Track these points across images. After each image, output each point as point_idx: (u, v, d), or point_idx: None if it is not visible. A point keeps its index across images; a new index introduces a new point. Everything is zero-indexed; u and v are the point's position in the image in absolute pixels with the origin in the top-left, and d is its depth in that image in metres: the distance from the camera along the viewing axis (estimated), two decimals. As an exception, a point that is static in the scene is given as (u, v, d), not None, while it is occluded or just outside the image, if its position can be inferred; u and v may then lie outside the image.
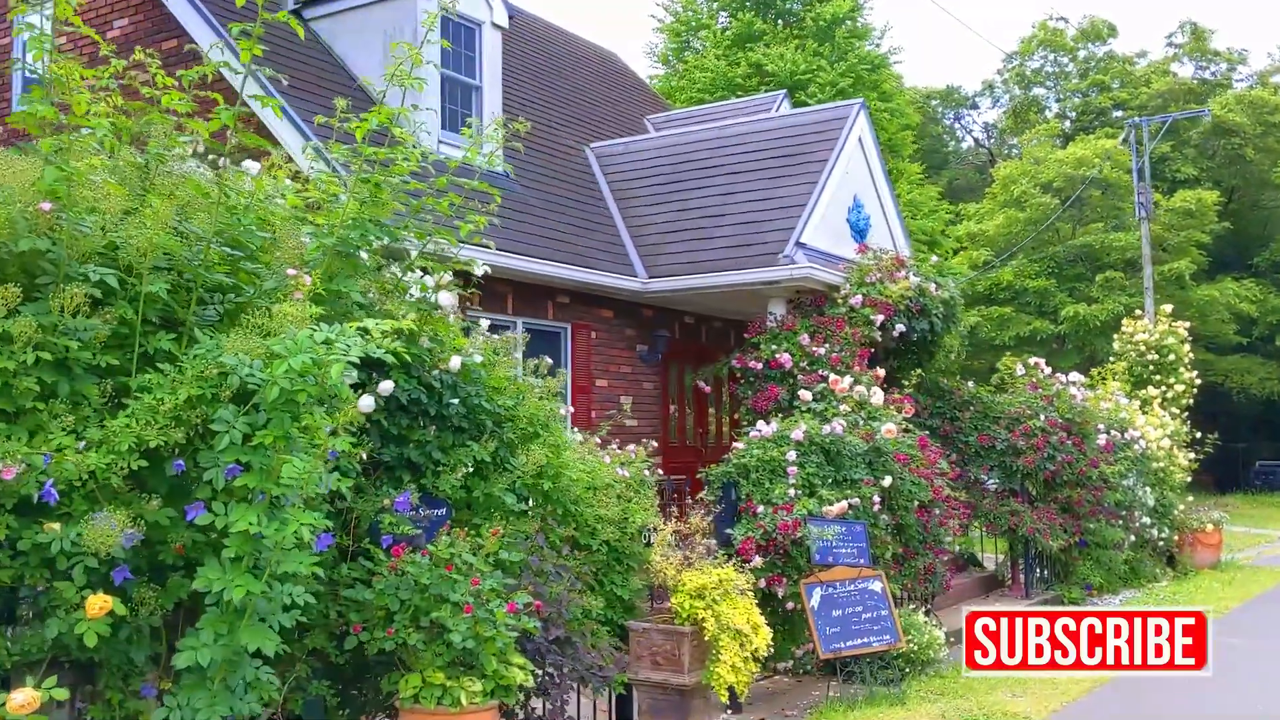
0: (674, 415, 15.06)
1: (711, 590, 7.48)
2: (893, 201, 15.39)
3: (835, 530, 9.14)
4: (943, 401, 15.12)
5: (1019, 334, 36.09)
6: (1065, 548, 15.11)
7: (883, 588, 9.20)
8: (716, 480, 9.27)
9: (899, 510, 10.79)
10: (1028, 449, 14.55)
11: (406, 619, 5.50)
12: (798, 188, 13.64)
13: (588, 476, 7.36)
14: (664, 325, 14.46)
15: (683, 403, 15.01)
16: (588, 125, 16.98)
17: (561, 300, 13.01)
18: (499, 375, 6.74)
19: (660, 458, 14.36)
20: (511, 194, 13.05)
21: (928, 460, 11.25)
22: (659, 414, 14.42)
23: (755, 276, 12.82)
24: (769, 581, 8.97)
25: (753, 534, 8.88)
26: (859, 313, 12.67)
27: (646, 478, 8.25)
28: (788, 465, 9.43)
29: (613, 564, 7.63)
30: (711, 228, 13.80)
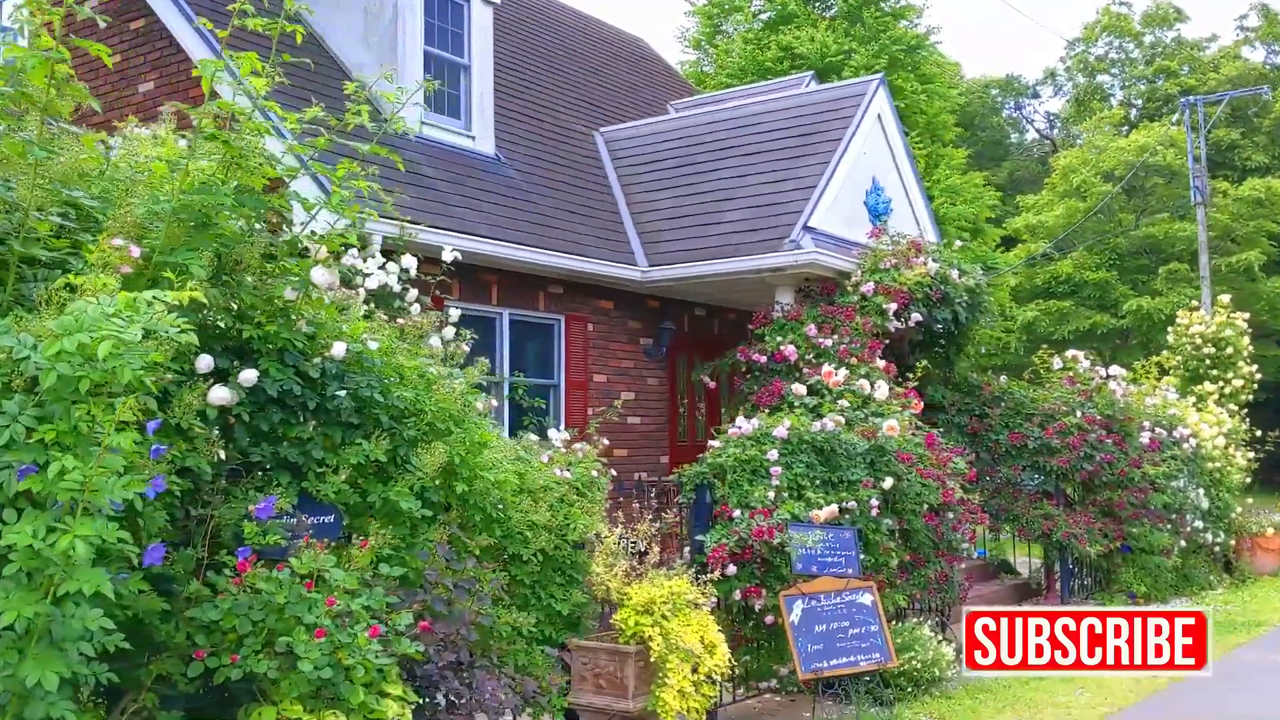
0: (683, 412, 14.25)
1: (661, 605, 6.67)
2: (917, 184, 14.44)
3: (819, 537, 8.29)
4: (971, 397, 14.16)
5: (1079, 328, 34.74)
6: (1107, 553, 14.07)
7: (873, 601, 8.32)
8: (689, 482, 8.45)
9: (905, 514, 9.90)
10: (1062, 448, 13.53)
11: (259, 643, 4.77)
12: (809, 169, 12.76)
13: (519, 479, 6.59)
14: (671, 317, 13.64)
15: (693, 399, 14.19)
16: (602, 110, 16.22)
17: (554, 291, 12.26)
18: (402, 365, 5.98)
19: (667, 457, 13.61)
20: (502, 179, 12.34)
21: (938, 459, 10.34)
22: (665, 411, 13.61)
23: (758, 263, 11.97)
24: (745, 593, 8.14)
25: (726, 541, 8.06)
26: (871, 301, 11.77)
27: (596, 479, 7.45)
28: (770, 465, 8.59)
29: (551, 575, 6.86)
30: (717, 213, 12.97)
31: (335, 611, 4.80)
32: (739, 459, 8.47)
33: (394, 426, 5.74)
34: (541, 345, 12.31)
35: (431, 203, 10.80)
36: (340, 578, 4.94)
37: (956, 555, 10.64)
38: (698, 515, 8.41)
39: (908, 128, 21.85)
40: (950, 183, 21.23)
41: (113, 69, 11.16)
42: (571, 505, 7.00)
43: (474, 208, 11.31)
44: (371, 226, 9.59)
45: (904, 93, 21.53)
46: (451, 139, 12.12)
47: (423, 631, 5.25)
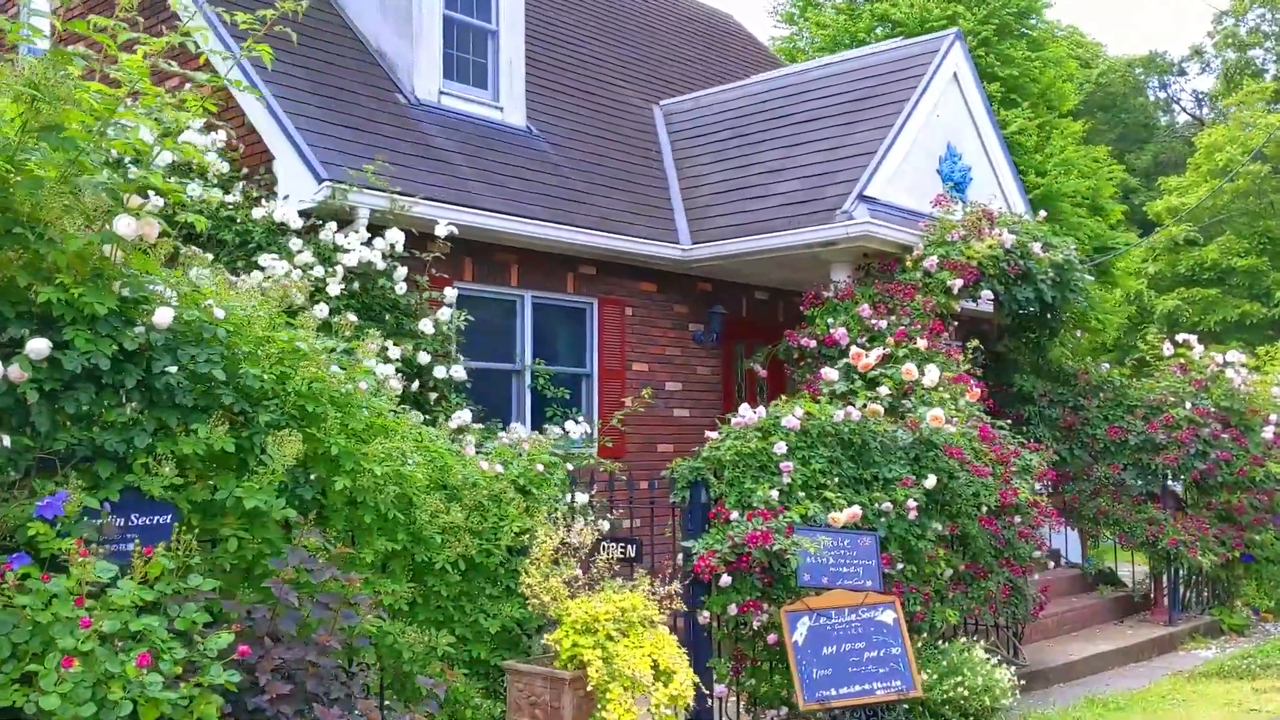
0: (739, 404, 13.06)
1: (605, 623, 5.63)
2: (1003, 153, 13.00)
3: (831, 543, 7.12)
4: (1066, 387, 12.69)
5: (1226, 318, 32.27)
6: (1226, 563, 12.46)
7: (896, 618, 7.12)
8: (681, 478, 7.36)
9: (959, 517, 8.63)
10: (1169, 443, 11.99)
11: (16, 671, 3.92)
12: (869, 134, 11.51)
13: (440, 473, 5.62)
14: (725, 301, 12.52)
15: (752, 391, 13.03)
16: (668, 84, 15.18)
17: (585, 271, 11.27)
18: (271, 337, 5.06)
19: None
20: (531, 152, 11.42)
21: (998, 455, 9.02)
22: (718, 403, 12.48)
23: (807, 237, 10.78)
24: (742, 608, 7.02)
25: (718, 547, 6.94)
26: (934, 278, 10.48)
27: (545, 474, 6.44)
28: (779, 460, 7.44)
29: (481, 586, 5.88)
30: (768, 185, 11.81)
31: (106, 632, 3.91)
32: (739, 452, 7.34)
33: (248, 410, 4.84)
34: (572, 331, 11.35)
35: (440, 175, 9.93)
36: (127, 591, 4.04)
37: (1024, 565, 9.29)
38: (691, 517, 7.32)
39: (1019, 98, 20.23)
40: (1065, 156, 19.51)
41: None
42: (508, 504, 6.00)
43: (491, 181, 10.41)
44: (356, 199, 8.81)
45: (1014, 60, 19.91)
46: (475, 110, 11.25)
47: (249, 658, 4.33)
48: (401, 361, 8.63)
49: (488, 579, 5.90)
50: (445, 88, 11.01)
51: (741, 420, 7.58)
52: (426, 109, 10.72)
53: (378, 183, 8.91)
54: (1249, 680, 9.56)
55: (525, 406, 10.66)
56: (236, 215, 8.63)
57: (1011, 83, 20.17)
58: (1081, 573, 12.72)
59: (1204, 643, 11.74)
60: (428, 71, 10.82)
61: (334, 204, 8.68)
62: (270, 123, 9.13)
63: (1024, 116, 19.53)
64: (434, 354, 8.89)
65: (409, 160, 9.84)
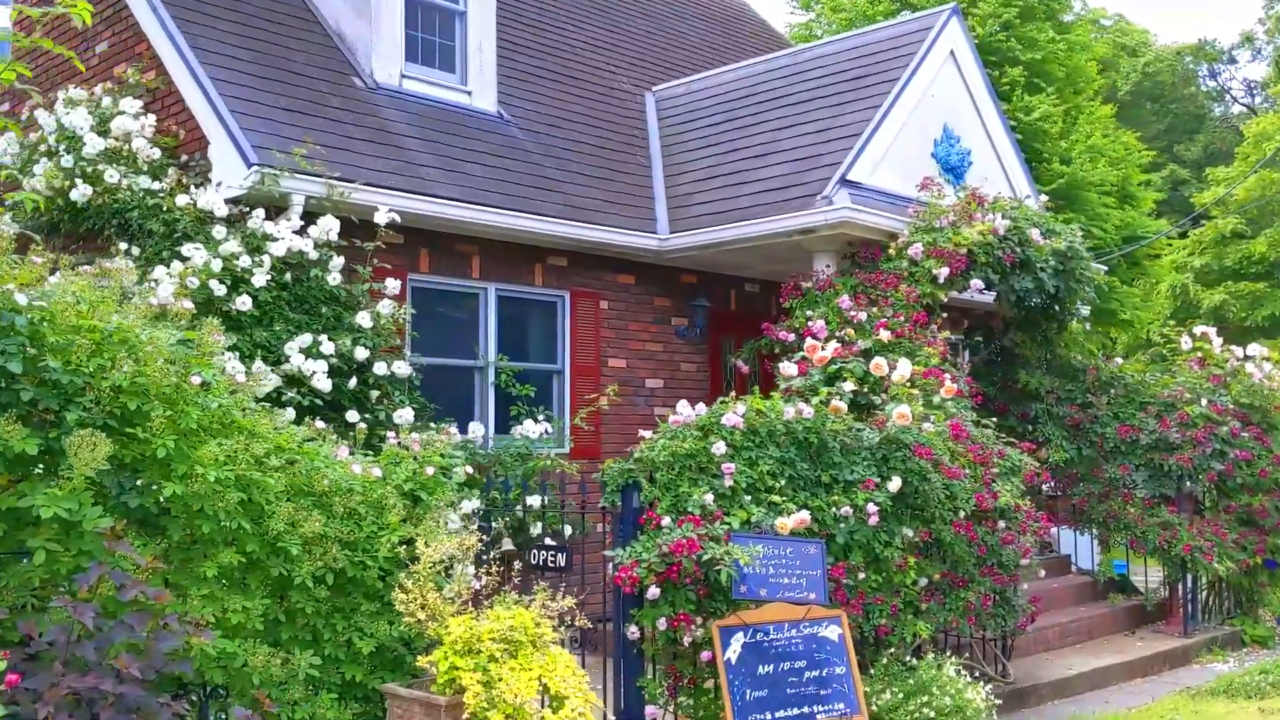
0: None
1: (489, 642, 5.08)
2: (1007, 135, 12.29)
3: (771, 552, 6.52)
4: (1074, 383, 11.96)
5: (1275, 313, 31.10)
6: (1249, 570, 11.68)
7: (841, 634, 6.50)
8: (613, 482, 6.79)
9: (934, 523, 8.00)
10: (1183, 443, 11.24)
11: None
12: (857, 116, 10.87)
13: (305, 478, 5.11)
14: (710, 293, 11.92)
15: (742, 387, 12.40)
16: (665, 70, 14.60)
17: (556, 263, 10.73)
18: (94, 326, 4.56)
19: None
20: (501, 138, 10.91)
21: (975, 456, 8.36)
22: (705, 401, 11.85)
23: (783, 224, 10.17)
24: (672, 622, 6.44)
25: (644, 555, 6.36)
26: (920, 266, 9.83)
27: (439, 478, 5.89)
28: (719, 461, 6.86)
29: (358, 601, 5.36)
30: (754, 170, 11.20)
31: None
32: (674, 453, 6.76)
33: (59, 408, 4.35)
34: (542, 326, 10.81)
35: (391, 161, 9.44)
36: None
37: (1009, 573, 8.63)
38: (623, 524, 6.75)
39: (1043, 81, 19.43)
40: (1092, 142, 18.68)
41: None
42: (389, 511, 5.46)
43: (451, 168, 9.90)
44: (289, 185, 8.35)
45: (1038, 44, 19.11)
46: (441, 94, 10.75)
47: (38, 687, 3.83)
48: (338, 357, 8.16)
49: (365, 594, 5.38)
50: (408, 71, 10.53)
51: (679, 418, 7.00)
52: (386, 93, 10.24)
53: (312, 167, 8.44)
54: (1257, 700, 8.82)
55: (488, 405, 10.15)
56: (164, 204, 8.20)
57: (1036, 67, 19.38)
58: (1093, 580, 11.98)
59: (1221, 656, 10.98)
60: (388, 54, 10.34)
61: (263, 190, 8.21)
62: (205, 105, 8.69)
63: (1049, 102, 18.73)
64: (374, 349, 8.39)
65: (359, 145, 9.36)
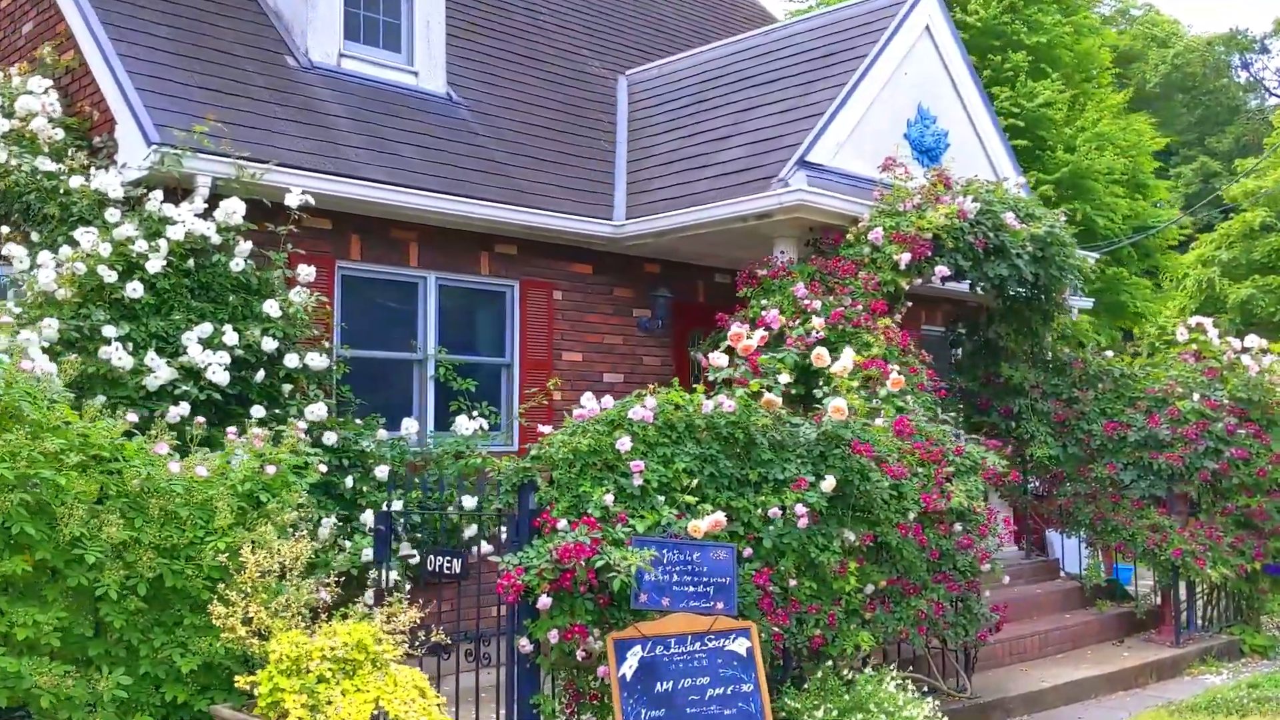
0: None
1: (320, 662, 4.57)
2: (989, 117, 11.66)
3: (675, 557, 5.97)
4: (1060, 377, 11.31)
5: (1305, 308, 30.17)
6: (1248, 575, 11.01)
7: (750, 649, 5.94)
8: (507, 481, 6.26)
9: (881, 525, 7.42)
10: (1174, 440, 10.58)
11: None
12: (823, 95, 10.29)
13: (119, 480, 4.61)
14: (676, 283, 11.36)
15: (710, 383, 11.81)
16: (640, 53, 14.05)
17: (504, 251, 10.20)
18: None
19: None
20: (448, 120, 10.42)
21: (924, 453, 7.76)
22: (668, 396, 11.31)
23: (738, 208, 9.60)
24: (565, 634, 5.90)
25: (533, 562, 5.82)
26: (881, 252, 9.24)
27: (289, 481, 5.38)
28: (627, 458, 6.32)
29: (182, 614, 4.85)
30: (715, 153, 10.64)
31: None
32: (575, 450, 6.21)
33: None
34: (490, 317, 10.29)
35: (315, 142, 8.95)
36: None
37: (967, 579, 8.03)
38: (517, 527, 6.22)
39: (1049, 67, 18.71)
40: (1099, 129, 17.95)
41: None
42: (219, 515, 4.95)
43: (385, 150, 9.41)
44: (193, 165, 7.88)
45: (1043, 27, 18.40)
46: (383, 74, 10.26)
47: None
48: (244, 348, 7.68)
49: (191, 606, 4.88)
50: (347, 50, 10.04)
51: (584, 412, 6.46)
52: (322, 73, 9.76)
53: (219, 147, 7.96)
54: (1238, 717, 8.17)
55: (427, 400, 9.64)
56: (60, 186, 7.75)
57: (1042, 52, 18.66)
58: (1080, 585, 11.32)
59: (1215, 667, 10.32)
60: (324, 32, 9.86)
61: (164, 171, 7.74)
62: (113, 83, 8.24)
63: (1054, 87, 18.01)
64: (285, 339, 7.91)
65: (282, 126, 8.89)
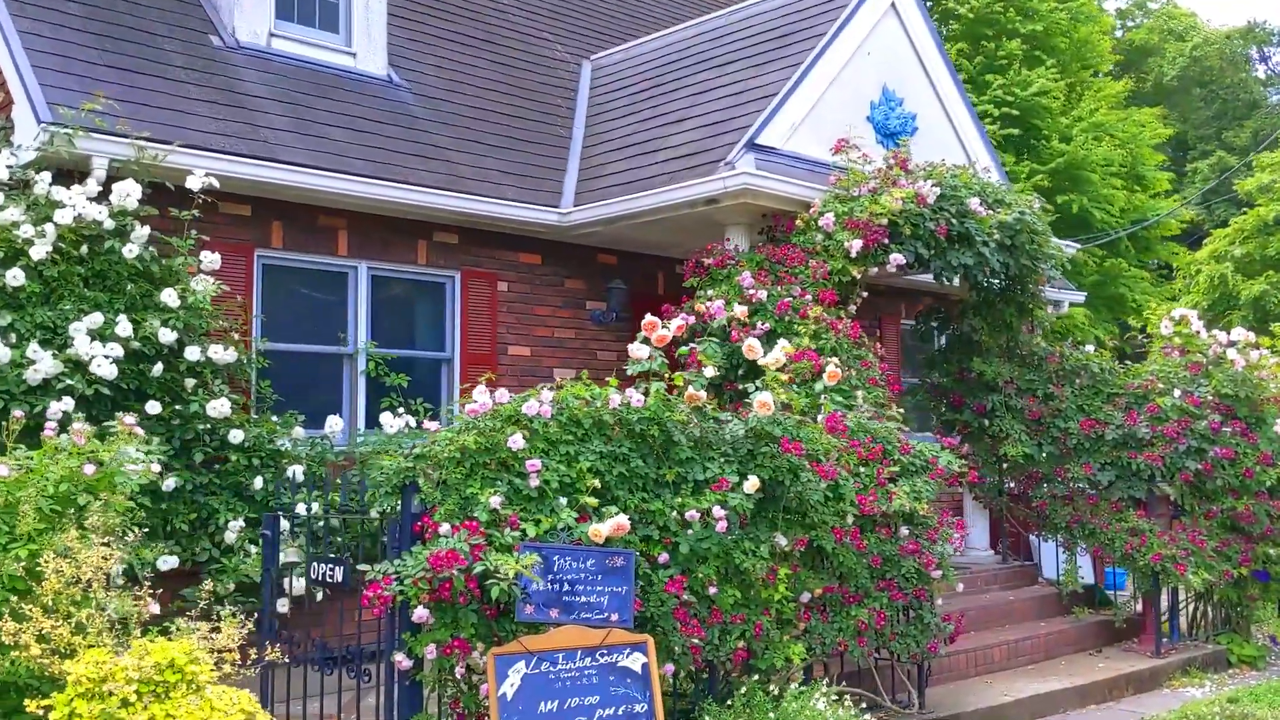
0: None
1: (124, 684, 4.08)
2: (962, 101, 11.10)
3: (567, 564, 5.46)
4: (1035, 372, 10.75)
5: (1320, 305, 29.41)
6: (1237, 582, 10.44)
7: (645, 664, 5.43)
8: (387, 483, 5.76)
9: (815, 529, 6.90)
10: (1153, 439, 10.01)
11: None
12: (777, 75, 9.77)
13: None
14: (632, 274, 10.87)
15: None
16: (610, 39, 13.56)
17: (444, 240, 9.72)
18: None
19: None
20: (386, 103, 9.96)
21: (862, 452, 7.23)
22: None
23: (682, 193, 9.09)
24: (444, 649, 5.40)
25: (411, 570, 5.32)
26: (833, 239, 8.71)
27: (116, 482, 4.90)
28: (523, 457, 5.81)
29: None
30: (666, 136, 10.13)
31: None
32: (461, 449, 5.71)
33: None
34: (428, 309, 9.82)
35: (231, 123, 8.49)
36: None
37: (915, 587, 7.50)
38: (397, 533, 5.72)
39: (1044, 54, 18.11)
40: (1096, 119, 17.34)
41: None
42: (23, 520, 4.48)
43: (311, 132, 8.94)
44: (88, 146, 7.45)
45: (1038, 14, 17.82)
46: (317, 55, 9.79)
47: None
48: (141, 340, 7.23)
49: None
50: (278, 29, 9.58)
51: (476, 407, 5.96)
52: (249, 52, 9.30)
53: (115, 126, 7.50)
54: (1210, 736, 7.62)
55: (358, 397, 9.17)
56: (-55, 169, 7.31)
57: (1038, 39, 18.07)
58: (1056, 591, 10.75)
59: (1199, 678, 9.75)
60: (253, 11, 9.40)
61: (54, 152, 7.29)
62: (9, 59, 7.80)
63: (1049, 75, 17.42)
64: (187, 331, 7.45)
65: (196, 107, 8.43)
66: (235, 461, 7.66)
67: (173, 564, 7.28)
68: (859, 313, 12.31)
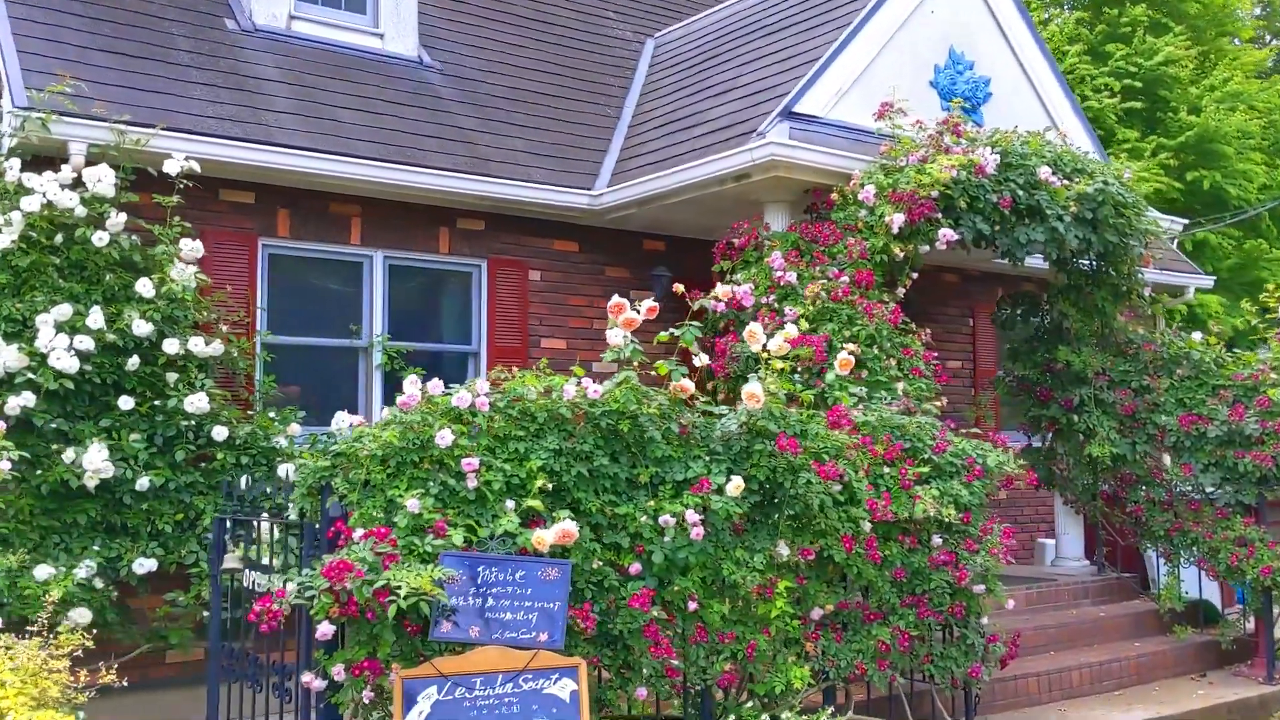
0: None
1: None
2: (1047, 64, 10.04)
3: (493, 576, 4.81)
4: (1130, 362, 9.65)
5: None
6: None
7: (574, 691, 4.73)
8: (303, 483, 5.20)
9: (825, 536, 6.10)
10: (1264, 436, 8.83)
11: None
12: (824, 38, 8.94)
13: None
14: (679, 261, 10.14)
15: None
16: (676, 15, 12.87)
17: (469, 226, 9.19)
18: None
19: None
20: (414, 85, 9.50)
21: (873, 451, 6.38)
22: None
23: (711, 168, 8.32)
24: (353, 670, 4.80)
25: (315, 581, 4.74)
26: (874, 213, 7.86)
27: None
28: (459, 455, 5.19)
29: None
30: (708, 109, 9.40)
31: None
32: (387, 444, 5.11)
33: None
34: (453, 300, 9.29)
35: (237, 108, 8.11)
36: None
37: (953, 604, 6.61)
38: (311, 539, 5.16)
39: (1171, 21, 16.67)
40: (1230, 89, 15.83)
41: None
42: None
43: (321, 115, 8.51)
44: (64, 130, 7.15)
45: (1168, -24, 16.44)
46: (342, 37, 9.39)
47: None
48: (116, 332, 6.88)
49: None
50: (299, 11, 9.21)
51: (406, 399, 5.35)
52: (265, 35, 8.94)
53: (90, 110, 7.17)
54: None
55: (373, 391, 8.71)
56: (-80, 158, 7.10)
57: (1167, 5, 16.64)
58: (1154, 607, 9.62)
59: (1320, 710, 8.54)
60: (258, -17, 9.03)
61: (27, 136, 6.99)
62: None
63: (1177, 43, 15.98)
64: (166, 322, 7.08)
65: (196, 91, 8.08)
66: (222, 459, 7.26)
67: (150, 567, 6.93)
68: (947, 300, 11.38)
